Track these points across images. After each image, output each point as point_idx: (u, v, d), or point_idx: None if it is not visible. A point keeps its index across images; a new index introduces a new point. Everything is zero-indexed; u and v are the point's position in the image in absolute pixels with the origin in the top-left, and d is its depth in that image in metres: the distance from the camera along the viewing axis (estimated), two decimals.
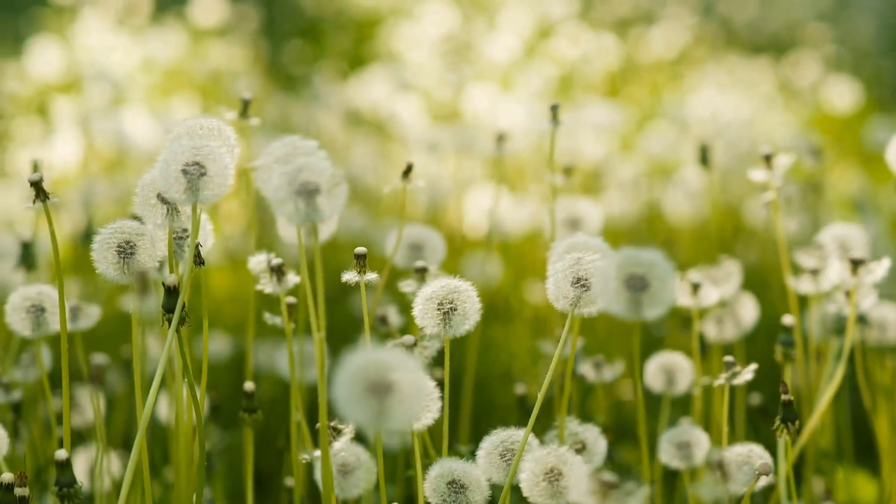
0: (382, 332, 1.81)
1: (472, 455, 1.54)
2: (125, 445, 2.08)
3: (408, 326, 1.85)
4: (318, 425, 1.41)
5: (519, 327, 2.60)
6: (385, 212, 3.13)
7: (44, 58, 4.29)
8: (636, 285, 1.28)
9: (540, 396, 1.46)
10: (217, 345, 2.52)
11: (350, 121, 3.42)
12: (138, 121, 3.04)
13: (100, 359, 1.19)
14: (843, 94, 3.90)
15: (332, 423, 1.42)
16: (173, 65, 4.34)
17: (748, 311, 1.94)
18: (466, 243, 2.81)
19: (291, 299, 1.61)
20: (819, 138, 3.17)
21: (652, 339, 2.66)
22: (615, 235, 2.81)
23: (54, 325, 1.60)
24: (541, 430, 1.66)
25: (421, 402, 1.12)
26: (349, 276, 1.48)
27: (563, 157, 3.06)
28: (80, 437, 2.03)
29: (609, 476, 1.21)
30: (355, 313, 2.65)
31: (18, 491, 1.46)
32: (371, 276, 1.48)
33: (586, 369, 1.84)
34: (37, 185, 1.41)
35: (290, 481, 1.78)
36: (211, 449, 2.00)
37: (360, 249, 1.48)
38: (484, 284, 2.30)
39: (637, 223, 2.93)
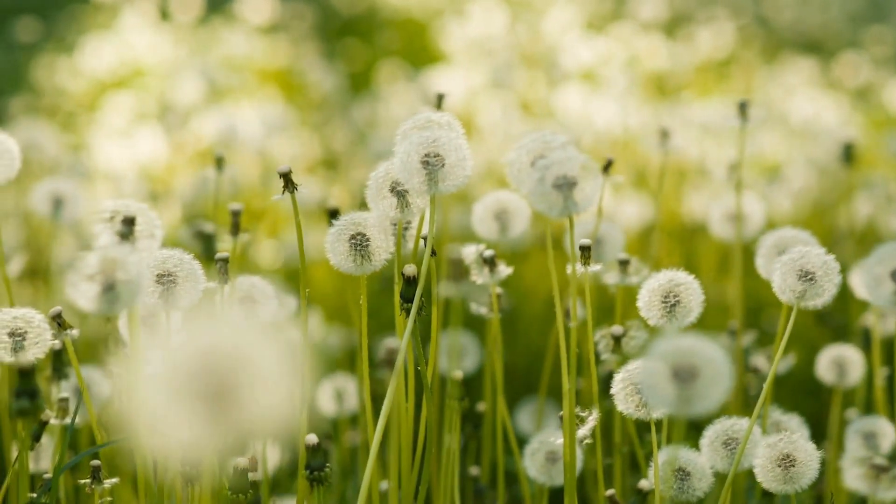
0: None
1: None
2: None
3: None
4: (560, 413, 1.44)
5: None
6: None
7: (97, 54, 4.31)
8: None
9: (766, 388, 1.50)
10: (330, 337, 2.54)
11: None
12: (243, 115, 3.06)
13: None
14: None
15: (577, 411, 1.46)
16: (233, 61, 4.36)
17: None
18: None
19: (499, 290, 1.65)
20: None
21: (763, 334, 2.71)
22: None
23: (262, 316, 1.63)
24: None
25: (722, 389, 1.15)
26: (578, 269, 1.51)
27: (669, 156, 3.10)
28: None
29: (880, 460, 1.25)
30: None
31: (251, 475, 1.50)
32: (596, 267, 1.51)
33: (760, 361, 1.88)
34: (286, 177, 1.44)
35: (475, 470, 1.82)
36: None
37: (586, 241, 1.51)
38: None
39: None
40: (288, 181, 1.44)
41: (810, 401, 2.37)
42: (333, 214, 1.69)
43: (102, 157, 3.42)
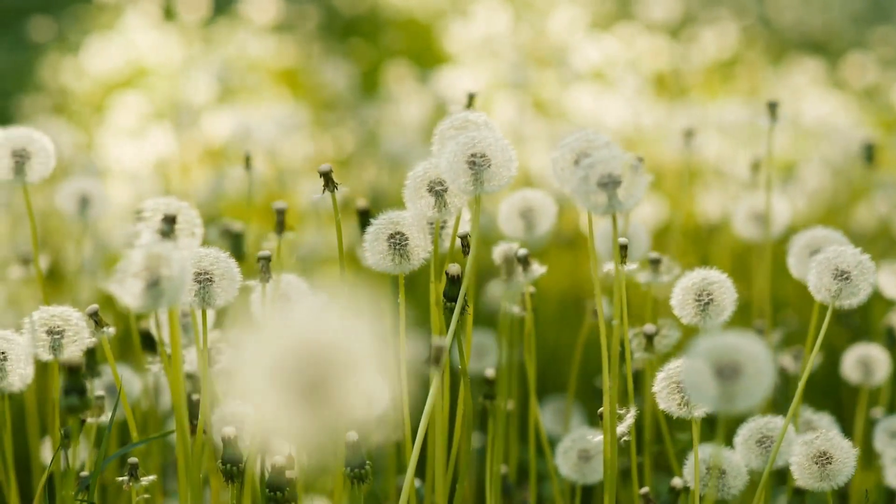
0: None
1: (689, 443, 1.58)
2: None
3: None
4: (600, 410, 1.45)
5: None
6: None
7: (101, 54, 4.31)
8: None
9: (800, 386, 1.51)
10: None
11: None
12: (254, 115, 3.07)
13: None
14: None
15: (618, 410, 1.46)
16: (241, 61, 4.36)
17: None
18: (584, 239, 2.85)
19: (532, 289, 1.65)
20: None
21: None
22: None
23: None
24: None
25: (765, 385, 1.16)
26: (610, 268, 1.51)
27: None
28: None
29: None
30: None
31: (288, 473, 1.50)
32: (632, 266, 1.52)
33: (786, 361, 1.89)
34: (326, 176, 1.44)
35: (504, 468, 1.82)
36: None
37: (623, 240, 1.51)
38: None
39: None
40: (329, 180, 1.44)
41: (828, 400, 2.38)
42: (364, 214, 1.70)
43: (112, 157, 3.42)
